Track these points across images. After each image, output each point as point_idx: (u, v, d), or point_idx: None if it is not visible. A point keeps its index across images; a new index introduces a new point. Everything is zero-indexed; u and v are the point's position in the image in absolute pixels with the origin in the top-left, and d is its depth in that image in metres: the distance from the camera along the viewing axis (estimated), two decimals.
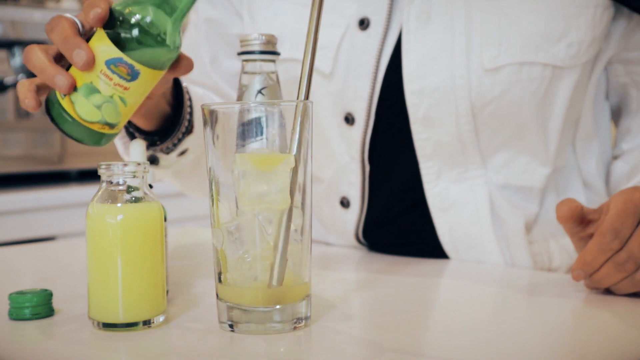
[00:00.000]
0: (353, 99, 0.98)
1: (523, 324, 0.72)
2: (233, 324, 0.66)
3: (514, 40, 0.91)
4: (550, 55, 0.92)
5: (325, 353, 0.61)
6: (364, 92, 0.97)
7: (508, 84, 0.92)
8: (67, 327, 0.68)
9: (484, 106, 0.92)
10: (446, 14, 0.93)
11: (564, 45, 0.92)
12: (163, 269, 0.68)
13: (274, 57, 0.78)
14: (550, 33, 0.91)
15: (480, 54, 0.92)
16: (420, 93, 0.94)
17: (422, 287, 0.83)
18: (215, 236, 0.66)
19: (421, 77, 0.93)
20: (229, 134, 0.65)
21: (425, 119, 0.94)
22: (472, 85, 0.92)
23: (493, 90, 0.92)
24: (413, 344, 0.63)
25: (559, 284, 0.85)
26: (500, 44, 0.91)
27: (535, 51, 0.91)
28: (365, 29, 0.97)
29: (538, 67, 0.92)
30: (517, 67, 0.91)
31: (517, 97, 0.92)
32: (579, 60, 0.93)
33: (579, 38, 0.92)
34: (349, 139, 1.00)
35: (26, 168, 2.18)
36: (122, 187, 0.66)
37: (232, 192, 0.65)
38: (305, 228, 0.66)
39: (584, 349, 0.62)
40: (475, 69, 0.92)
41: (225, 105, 0.66)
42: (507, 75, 0.91)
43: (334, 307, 0.73)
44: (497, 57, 0.91)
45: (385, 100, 0.97)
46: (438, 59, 0.93)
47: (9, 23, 2.20)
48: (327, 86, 1.00)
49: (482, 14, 0.92)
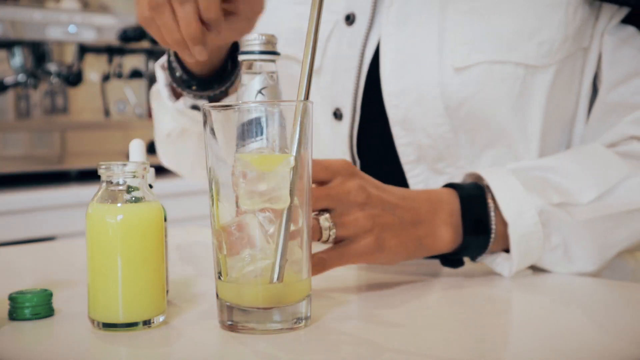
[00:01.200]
0: (340, 93, 1.00)
1: (522, 323, 0.72)
2: (233, 323, 0.66)
3: (485, 40, 0.92)
4: (522, 54, 0.92)
5: (325, 353, 0.61)
6: (349, 87, 0.99)
7: (480, 83, 0.92)
8: (67, 327, 0.68)
9: (458, 107, 0.93)
10: (422, 16, 0.94)
11: (535, 44, 0.92)
12: (163, 269, 0.68)
13: (274, 57, 0.78)
14: (521, 31, 0.92)
15: (452, 54, 0.93)
16: (397, 95, 0.95)
17: (422, 286, 0.83)
18: (215, 236, 0.66)
19: (397, 79, 0.95)
20: (228, 134, 0.65)
21: (404, 121, 0.96)
22: (444, 84, 0.93)
23: (465, 90, 0.92)
24: (413, 344, 0.63)
25: (559, 284, 0.85)
26: (472, 43, 0.92)
27: (506, 50, 0.92)
28: (351, 24, 1.00)
29: (510, 66, 0.92)
30: (488, 66, 0.92)
31: (491, 96, 0.93)
32: (551, 59, 0.93)
33: (551, 36, 0.92)
34: (338, 134, 1.01)
35: (26, 168, 2.18)
36: (122, 187, 0.66)
37: (232, 192, 0.65)
38: (305, 227, 0.66)
39: (584, 349, 0.62)
40: (446, 69, 0.93)
41: (225, 105, 0.66)
42: (478, 74, 0.92)
43: (334, 307, 0.73)
44: (468, 56, 0.92)
45: (370, 97, 0.98)
46: (412, 60, 0.94)
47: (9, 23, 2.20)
48: (316, 82, 1.02)
49: (455, 14, 0.93)
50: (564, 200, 0.86)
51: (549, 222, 0.85)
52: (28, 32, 2.24)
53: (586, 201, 0.87)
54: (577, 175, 0.88)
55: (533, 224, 0.84)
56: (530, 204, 0.84)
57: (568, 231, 0.86)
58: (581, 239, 0.86)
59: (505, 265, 0.86)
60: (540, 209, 0.85)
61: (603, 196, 0.87)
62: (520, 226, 0.84)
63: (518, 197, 0.85)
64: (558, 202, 0.86)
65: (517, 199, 0.85)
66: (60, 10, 2.34)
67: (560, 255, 0.87)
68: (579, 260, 0.87)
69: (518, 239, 0.84)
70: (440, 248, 0.84)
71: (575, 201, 0.87)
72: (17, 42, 2.31)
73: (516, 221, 0.84)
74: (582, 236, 0.86)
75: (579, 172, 0.89)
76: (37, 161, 2.20)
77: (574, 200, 0.87)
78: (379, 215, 0.78)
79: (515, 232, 0.84)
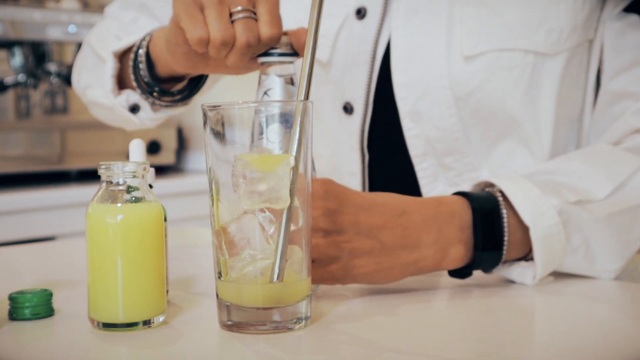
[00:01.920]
0: (351, 87, 0.99)
1: (522, 323, 0.72)
2: (233, 323, 0.66)
3: (493, 29, 0.92)
4: (530, 41, 0.92)
5: (325, 353, 0.61)
6: (361, 81, 0.99)
7: (489, 72, 0.92)
8: (67, 327, 0.68)
9: (467, 96, 0.93)
10: (431, 8, 0.95)
11: (544, 32, 0.92)
12: (163, 269, 0.68)
13: (288, 59, 0.77)
14: (529, 21, 0.92)
15: (460, 43, 0.93)
16: (407, 86, 0.95)
17: (422, 287, 0.82)
18: (215, 236, 0.66)
19: (407, 70, 0.95)
20: (228, 134, 0.65)
21: (413, 113, 0.95)
22: (452, 74, 0.93)
23: (473, 79, 0.92)
24: (413, 344, 0.63)
25: (557, 284, 0.85)
26: (480, 32, 0.92)
27: (515, 38, 0.92)
28: (362, 19, 0.99)
29: (519, 54, 0.92)
30: (496, 54, 0.92)
31: (500, 85, 0.92)
32: (560, 46, 0.93)
33: (560, 25, 0.92)
34: (348, 128, 1.01)
35: (26, 168, 2.18)
36: (122, 187, 0.66)
37: (232, 192, 0.65)
38: (305, 227, 0.66)
39: (584, 349, 0.62)
40: (455, 58, 0.93)
41: (225, 105, 0.66)
42: (486, 63, 0.92)
43: (334, 307, 0.73)
44: (476, 45, 0.92)
45: (382, 90, 0.98)
46: (421, 52, 0.94)
47: (9, 23, 2.20)
48: (325, 75, 1.01)
49: (463, 6, 0.93)
50: (580, 198, 0.83)
51: (568, 222, 0.82)
52: (28, 32, 2.24)
53: (603, 196, 0.83)
54: (587, 173, 0.85)
55: (554, 225, 0.80)
56: (549, 205, 0.81)
57: (589, 230, 0.83)
58: (602, 236, 0.83)
59: (527, 273, 0.82)
60: (559, 208, 0.81)
61: (617, 190, 0.84)
62: (541, 228, 0.80)
63: (534, 198, 0.81)
64: (574, 200, 0.82)
65: (534, 200, 0.81)
66: (60, 10, 2.33)
67: (582, 257, 0.83)
68: (600, 259, 0.84)
69: (541, 243, 0.80)
70: (448, 267, 0.80)
71: (592, 198, 0.83)
72: (17, 42, 2.31)
73: (536, 224, 0.80)
74: (603, 233, 0.83)
75: (587, 170, 0.86)
76: (37, 161, 2.20)
77: (590, 197, 0.83)
78: (347, 241, 0.74)
79: (537, 236, 0.80)
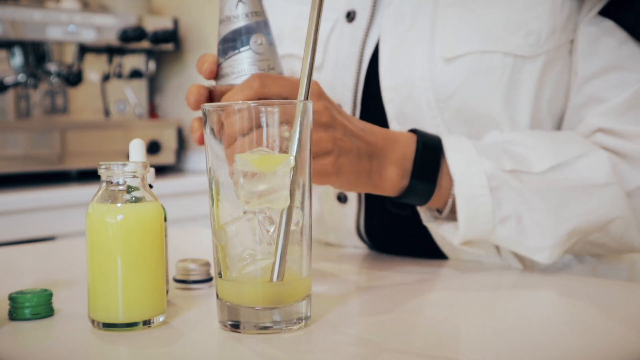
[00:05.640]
0: (341, 89, 1.01)
1: (521, 323, 0.72)
2: (233, 323, 0.66)
3: (474, 31, 0.93)
4: (510, 44, 0.93)
5: (325, 353, 0.61)
6: (349, 83, 1.00)
7: (469, 74, 0.93)
8: (67, 327, 0.68)
9: (448, 98, 0.94)
10: (417, 12, 0.96)
11: (522, 34, 0.93)
12: (163, 269, 0.68)
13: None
14: (509, 23, 0.93)
15: (441, 45, 0.94)
16: (393, 89, 0.96)
17: (422, 286, 0.83)
18: (215, 236, 0.66)
19: (393, 73, 0.96)
20: (228, 134, 0.65)
21: (399, 115, 0.97)
22: (434, 76, 0.94)
23: (454, 81, 0.93)
24: (413, 344, 0.63)
25: (557, 284, 0.85)
26: (460, 35, 0.93)
27: (495, 40, 0.93)
28: (352, 21, 1.01)
29: (498, 56, 0.93)
30: (477, 56, 0.93)
31: (480, 87, 0.93)
32: (539, 49, 0.93)
33: (539, 27, 0.93)
34: None
35: (26, 168, 2.19)
36: (122, 187, 0.66)
37: (232, 192, 0.65)
38: (305, 227, 0.66)
39: (584, 349, 0.62)
40: (436, 60, 0.94)
41: (224, 105, 0.66)
42: (467, 64, 0.93)
43: (334, 307, 0.73)
44: (456, 46, 0.93)
45: (370, 92, 0.99)
46: (406, 55, 0.96)
47: (9, 23, 2.20)
48: (317, 78, 1.02)
49: (445, 8, 0.95)
50: (516, 168, 0.87)
51: (499, 189, 0.86)
52: (28, 32, 2.24)
53: (539, 170, 0.87)
54: (537, 146, 0.89)
55: (480, 187, 0.85)
56: (480, 166, 0.85)
57: (519, 200, 0.86)
58: (533, 210, 0.86)
59: (456, 233, 0.86)
60: (490, 173, 0.85)
61: (558, 168, 0.88)
62: (467, 186, 0.84)
63: (468, 157, 0.85)
64: (510, 169, 0.86)
65: (467, 158, 0.85)
66: (60, 10, 2.34)
67: (514, 228, 0.86)
68: (532, 235, 0.86)
69: (465, 200, 0.84)
70: (385, 187, 0.85)
71: (528, 169, 0.87)
72: (17, 42, 2.31)
73: (462, 180, 0.84)
74: (534, 207, 0.86)
75: (539, 144, 0.89)
76: (37, 161, 2.20)
77: (526, 168, 0.87)
78: (340, 139, 0.79)
79: (461, 192, 0.84)
